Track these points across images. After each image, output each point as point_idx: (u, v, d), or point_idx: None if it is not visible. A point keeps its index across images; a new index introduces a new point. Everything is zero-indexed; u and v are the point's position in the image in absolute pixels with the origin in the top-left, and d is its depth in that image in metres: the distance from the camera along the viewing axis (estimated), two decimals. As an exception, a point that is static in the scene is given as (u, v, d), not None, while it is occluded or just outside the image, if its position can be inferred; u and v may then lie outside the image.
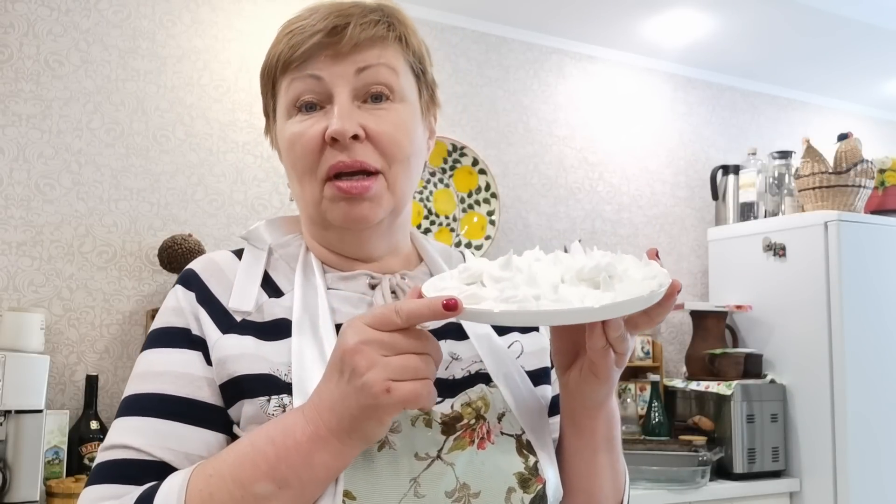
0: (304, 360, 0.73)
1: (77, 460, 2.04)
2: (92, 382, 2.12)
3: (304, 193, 0.79)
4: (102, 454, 0.73)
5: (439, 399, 0.75)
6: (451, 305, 0.60)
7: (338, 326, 0.77)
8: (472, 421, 0.74)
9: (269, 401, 0.72)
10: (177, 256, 2.16)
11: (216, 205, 2.42)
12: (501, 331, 0.85)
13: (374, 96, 0.77)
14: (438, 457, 0.72)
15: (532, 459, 0.75)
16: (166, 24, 2.40)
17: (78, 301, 2.22)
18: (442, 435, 0.73)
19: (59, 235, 2.21)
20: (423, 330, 0.64)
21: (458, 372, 0.79)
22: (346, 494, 0.67)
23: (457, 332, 0.82)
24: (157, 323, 0.79)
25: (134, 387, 0.75)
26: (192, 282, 0.80)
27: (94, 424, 2.08)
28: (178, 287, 0.80)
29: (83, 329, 2.22)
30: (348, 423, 0.63)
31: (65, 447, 2.01)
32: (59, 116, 2.24)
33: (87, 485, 0.72)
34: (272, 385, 0.72)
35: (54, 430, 2.00)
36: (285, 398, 0.71)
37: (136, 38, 2.36)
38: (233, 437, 0.74)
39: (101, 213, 2.27)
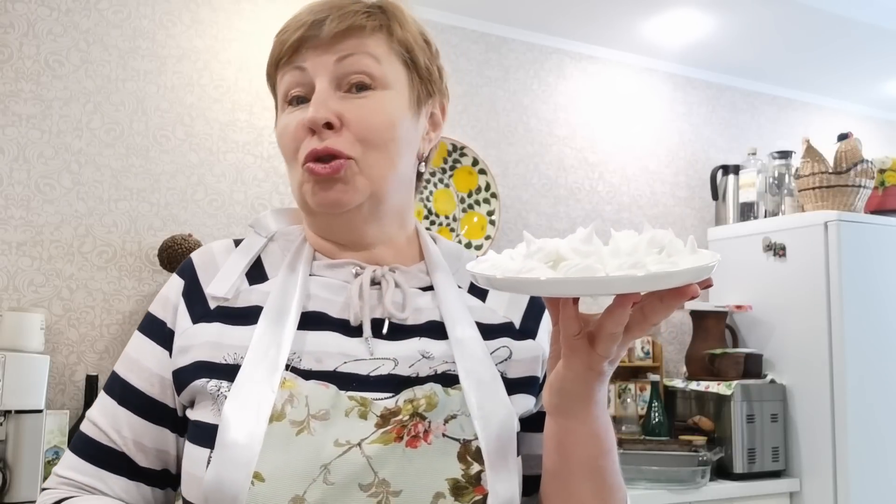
0: (259, 346, 0.76)
1: (77, 460, 2.04)
2: (92, 382, 2.12)
3: (291, 178, 0.84)
4: (82, 423, 0.83)
5: (388, 394, 0.75)
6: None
7: (307, 314, 0.80)
8: (406, 418, 0.73)
9: (208, 382, 0.76)
10: (177, 256, 2.16)
11: (216, 205, 2.42)
12: (490, 335, 0.84)
13: (358, 86, 0.80)
14: (358, 445, 0.71)
15: (476, 468, 0.72)
16: (166, 24, 2.40)
17: (78, 301, 2.22)
18: (374, 427, 0.72)
19: (59, 235, 2.21)
20: None
21: (423, 370, 0.78)
22: (256, 476, 0.68)
23: (435, 332, 0.82)
24: (151, 307, 0.86)
25: (118, 364, 0.84)
26: (186, 270, 0.85)
27: (94, 424, 2.08)
28: (174, 275, 0.86)
29: (83, 329, 2.22)
30: None
31: (65, 447, 2.01)
32: (59, 116, 2.24)
33: (68, 446, 0.82)
34: (215, 370, 0.77)
35: (54, 430, 2.00)
36: (223, 382, 0.75)
37: (136, 38, 2.36)
38: (177, 427, 0.81)
39: (101, 213, 2.27)
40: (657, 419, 2.71)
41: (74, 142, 2.25)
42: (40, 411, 1.86)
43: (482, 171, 2.78)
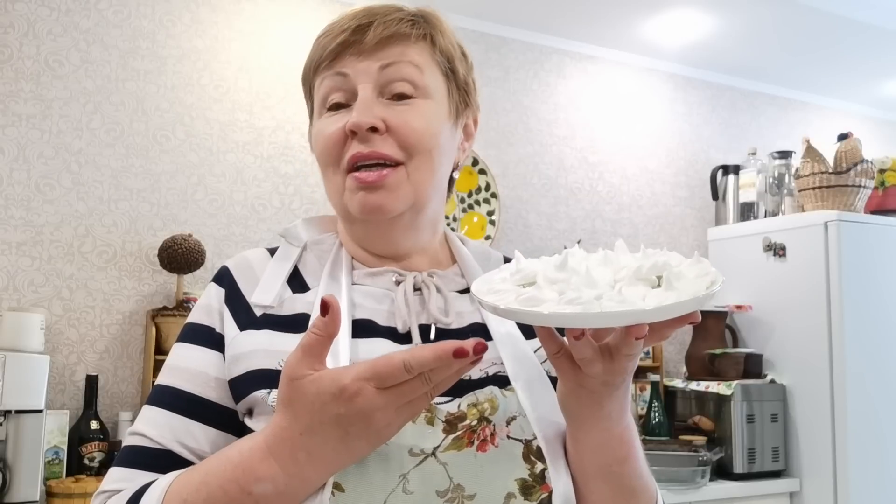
0: None
1: (77, 460, 2.04)
2: (92, 382, 2.12)
3: (329, 185, 0.83)
4: (126, 438, 0.79)
5: (448, 398, 0.76)
6: (460, 353, 0.59)
7: (357, 322, 0.79)
8: (475, 422, 0.74)
9: (269, 393, 0.74)
10: (177, 256, 2.16)
11: (216, 205, 2.42)
12: (528, 334, 0.84)
13: (399, 95, 0.79)
14: (433, 454, 0.72)
15: (539, 466, 0.74)
16: (166, 24, 2.40)
17: (78, 301, 2.22)
18: (442, 433, 0.73)
19: (59, 235, 2.21)
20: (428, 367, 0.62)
21: (474, 373, 0.79)
22: (336, 486, 0.69)
23: (481, 333, 0.83)
24: (190, 318, 0.84)
25: (161, 377, 0.81)
26: (224, 279, 0.85)
27: (94, 424, 2.08)
28: (212, 284, 0.85)
29: (83, 329, 2.22)
30: (346, 463, 0.65)
31: (65, 447, 2.01)
32: (59, 116, 2.24)
33: (112, 465, 0.78)
34: (272, 377, 0.75)
35: (54, 430, 2.00)
36: None
37: (136, 38, 2.36)
38: (242, 432, 0.76)
39: (101, 213, 2.27)
40: (657, 419, 2.71)
41: (74, 142, 2.25)
42: (40, 411, 1.86)
43: (482, 171, 2.78)
